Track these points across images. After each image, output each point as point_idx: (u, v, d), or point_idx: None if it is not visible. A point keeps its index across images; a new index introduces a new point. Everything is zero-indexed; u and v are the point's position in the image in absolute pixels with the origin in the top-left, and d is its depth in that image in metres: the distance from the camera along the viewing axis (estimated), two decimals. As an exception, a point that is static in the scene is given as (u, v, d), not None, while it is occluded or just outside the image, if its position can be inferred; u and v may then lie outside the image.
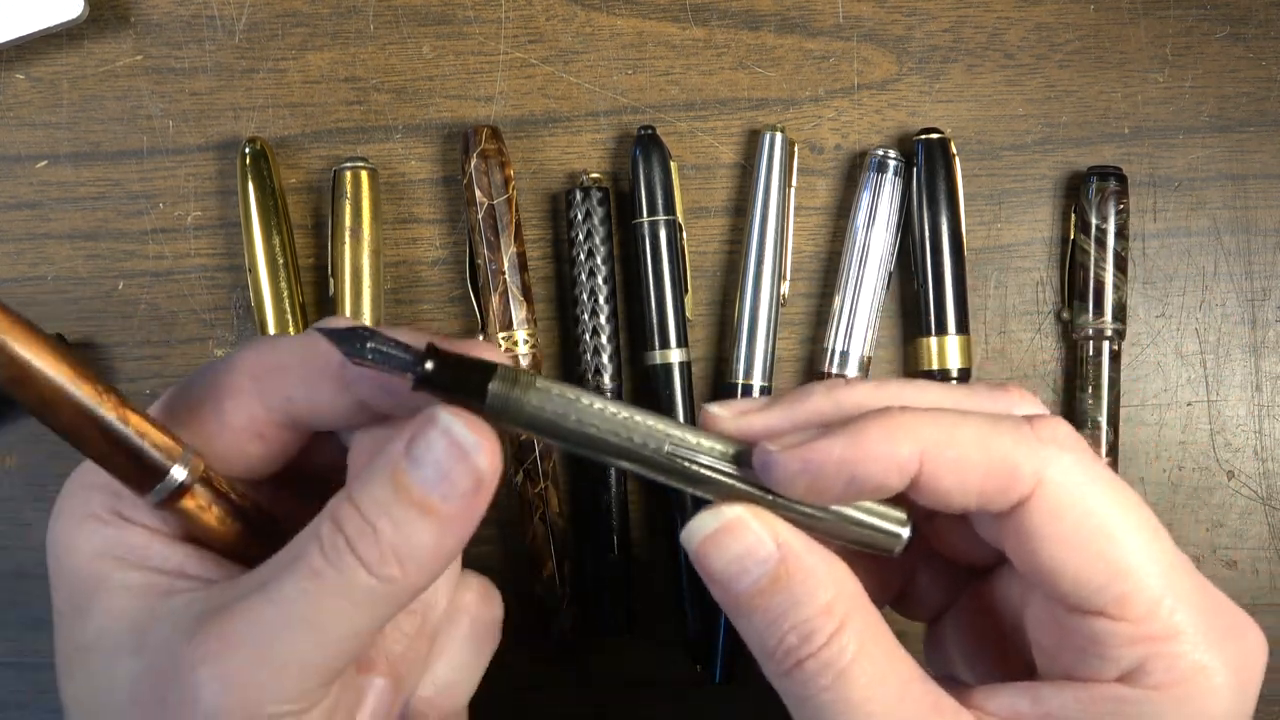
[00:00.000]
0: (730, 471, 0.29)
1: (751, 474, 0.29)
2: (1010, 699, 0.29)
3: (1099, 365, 0.47)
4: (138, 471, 0.27)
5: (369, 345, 0.28)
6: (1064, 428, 0.29)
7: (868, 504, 0.30)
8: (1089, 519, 0.28)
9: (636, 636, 0.49)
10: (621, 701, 0.49)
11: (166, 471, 0.28)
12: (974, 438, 0.28)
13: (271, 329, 0.47)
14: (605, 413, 0.29)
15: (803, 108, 0.49)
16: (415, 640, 0.30)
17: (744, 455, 0.29)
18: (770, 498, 0.29)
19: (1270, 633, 0.49)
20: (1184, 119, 0.49)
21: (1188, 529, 0.49)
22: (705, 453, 0.29)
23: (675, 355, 0.47)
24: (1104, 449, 0.47)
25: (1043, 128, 0.49)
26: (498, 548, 0.49)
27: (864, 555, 0.32)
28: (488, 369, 0.28)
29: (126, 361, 0.49)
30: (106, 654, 0.28)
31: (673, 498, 0.47)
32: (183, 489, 0.28)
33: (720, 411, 0.31)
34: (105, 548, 0.29)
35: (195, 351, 0.49)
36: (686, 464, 0.29)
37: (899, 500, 0.30)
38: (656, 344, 0.47)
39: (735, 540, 0.29)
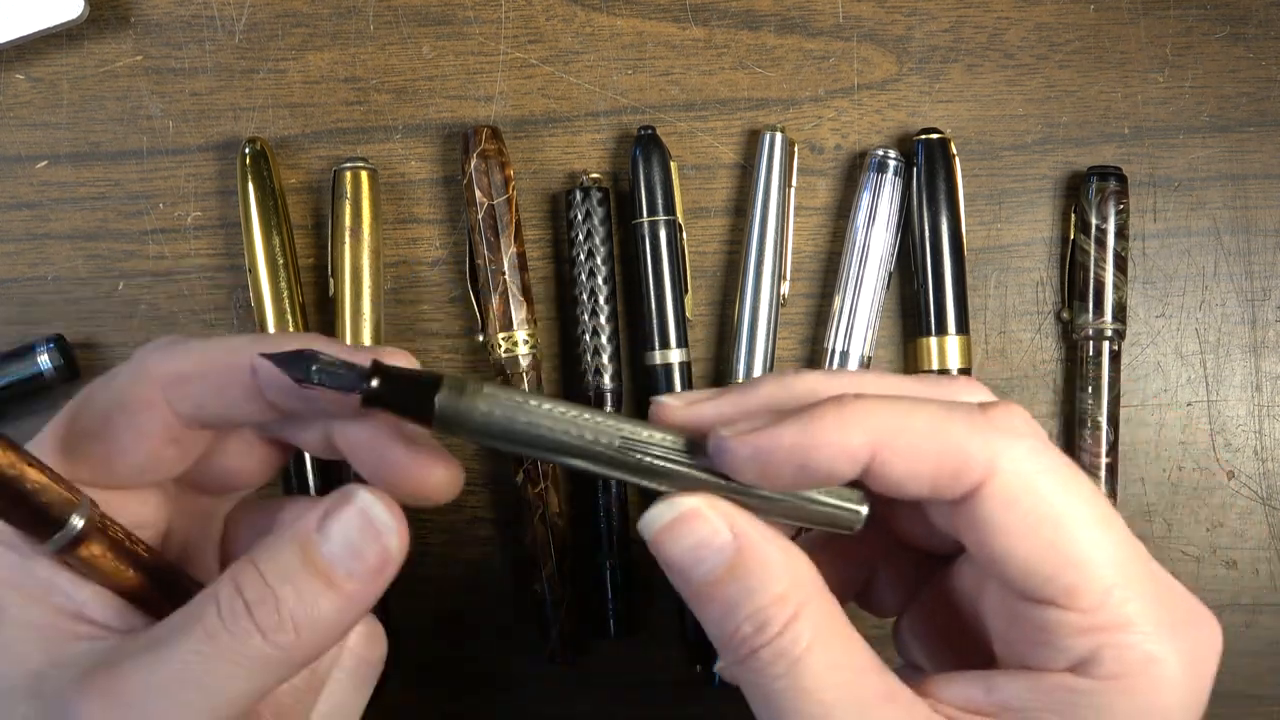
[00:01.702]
0: (685, 461, 0.29)
1: (706, 463, 0.29)
2: (965, 687, 0.29)
3: (1099, 365, 0.47)
4: (35, 522, 0.27)
5: (314, 369, 0.28)
6: (1019, 416, 0.29)
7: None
8: (1039, 508, 0.28)
9: (636, 636, 0.49)
10: (621, 701, 0.49)
11: (65, 521, 0.27)
12: (926, 426, 0.28)
13: (271, 329, 0.47)
14: (554, 412, 0.29)
15: (803, 108, 0.49)
16: (304, 693, 0.30)
17: (697, 446, 0.29)
18: (726, 485, 0.29)
19: (1270, 633, 0.49)
20: (1184, 119, 0.49)
21: (1188, 529, 0.49)
22: (658, 444, 0.29)
23: (675, 355, 0.47)
24: (1104, 449, 0.47)
25: (1043, 128, 0.49)
26: (498, 548, 0.49)
27: (826, 550, 0.32)
28: (433, 382, 0.29)
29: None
30: (3, 694, 0.28)
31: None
32: (80, 538, 0.28)
33: (671, 401, 0.31)
34: (9, 575, 0.29)
35: (195, 351, 0.49)
36: (640, 457, 0.29)
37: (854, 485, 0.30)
38: (656, 344, 0.47)
39: (691, 530, 0.29)
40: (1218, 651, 0.29)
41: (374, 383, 0.28)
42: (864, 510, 0.30)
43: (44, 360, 0.47)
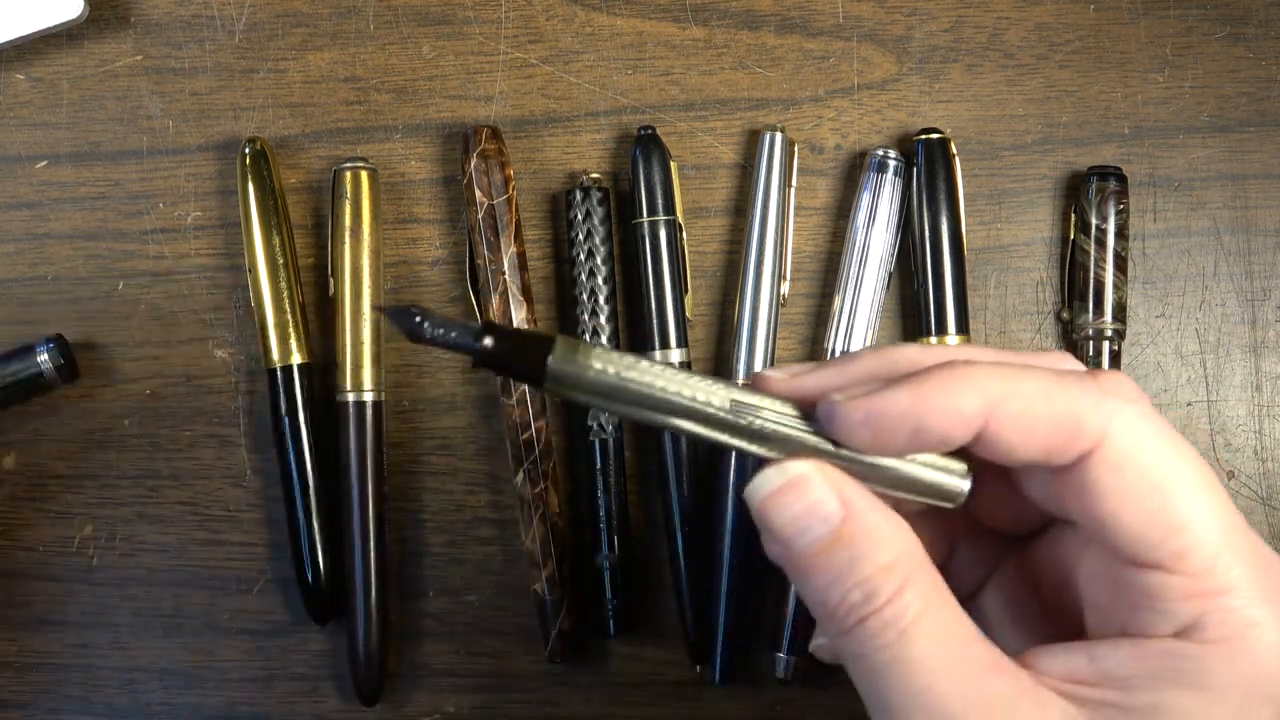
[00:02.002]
0: (796, 425, 0.29)
1: (815, 427, 0.29)
2: (1066, 658, 0.29)
3: (1099, 365, 0.47)
4: None
5: (428, 323, 0.29)
6: (1128, 382, 0.29)
7: (929, 456, 0.30)
8: (1150, 473, 0.28)
9: (636, 636, 0.49)
10: (621, 701, 0.49)
11: None
12: (1039, 391, 0.28)
13: (271, 329, 0.47)
14: (667, 373, 0.29)
15: (803, 108, 0.49)
16: None
17: (806, 412, 0.29)
18: (834, 452, 0.29)
19: (1270, 633, 0.49)
20: (1184, 119, 0.49)
21: (1188, 529, 0.49)
22: (768, 407, 0.29)
23: (675, 355, 0.47)
24: (1104, 449, 0.47)
25: (1043, 128, 0.49)
26: (498, 548, 0.49)
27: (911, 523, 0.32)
28: (546, 341, 0.29)
29: (126, 361, 0.49)
30: None
31: (672, 488, 0.47)
32: None
33: (774, 374, 0.31)
34: None
35: (195, 351, 0.49)
36: (751, 420, 0.29)
37: (960, 454, 0.30)
38: (656, 344, 0.47)
39: (799, 497, 0.29)
40: None
41: (487, 341, 0.29)
42: (967, 485, 0.30)
43: (44, 360, 0.47)
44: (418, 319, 0.29)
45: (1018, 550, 0.34)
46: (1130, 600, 0.29)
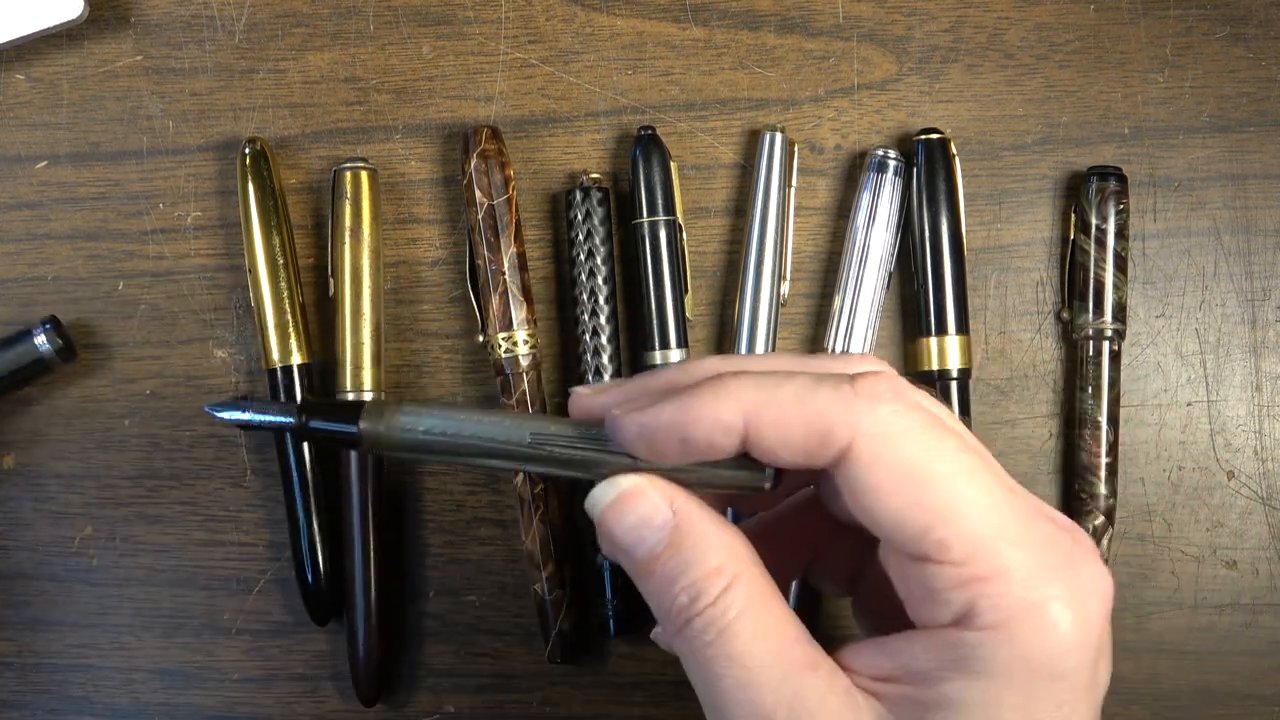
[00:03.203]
0: (591, 446, 0.31)
1: (612, 446, 0.31)
2: (871, 656, 0.30)
3: (1099, 365, 0.47)
4: None
5: (247, 412, 0.32)
6: (885, 382, 0.29)
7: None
8: (902, 466, 0.28)
9: (636, 636, 0.49)
10: (621, 701, 0.49)
11: None
12: (793, 397, 0.29)
13: (271, 329, 0.47)
14: (469, 421, 0.31)
15: (803, 108, 0.49)
16: None
17: (604, 433, 0.31)
18: (633, 464, 0.31)
19: (1270, 633, 0.49)
20: (1184, 119, 0.49)
21: (1188, 529, 0.49)
22: (564, 434, 0.31)
23: (675, 355, 0.47)
24: (1104, 449, 0.47)
25: (1043, 128, 0.49)
26: (498, 548, 0.49)
27: (767, 531, 0.34)
28: (355, 408, 0.31)
29: (126, 361, 0.49)
30: None
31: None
32: None
33: (583, 390, 0.33)
34: None
35: (195, 351, 0.49)
36: (551, 449, 0.31)
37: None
38: (656, 344, 0.47)
39: (632, 508, 0.31)
40: (1104, 592, 0.29)
41: (303, 417, 0.32)
42: (768, 470, 0.31)
43: (42, 342, 0.47)
44: (239, 411, 0.32)
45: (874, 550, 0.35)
46: (914, 592, 0.30)
